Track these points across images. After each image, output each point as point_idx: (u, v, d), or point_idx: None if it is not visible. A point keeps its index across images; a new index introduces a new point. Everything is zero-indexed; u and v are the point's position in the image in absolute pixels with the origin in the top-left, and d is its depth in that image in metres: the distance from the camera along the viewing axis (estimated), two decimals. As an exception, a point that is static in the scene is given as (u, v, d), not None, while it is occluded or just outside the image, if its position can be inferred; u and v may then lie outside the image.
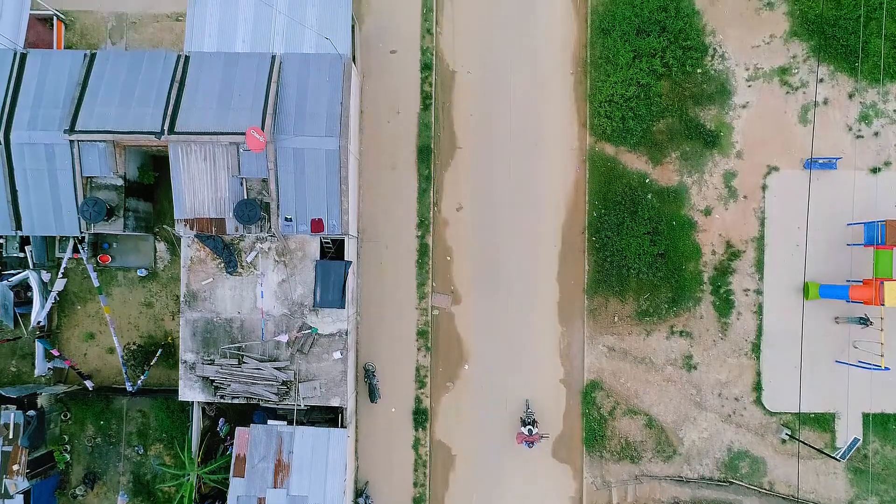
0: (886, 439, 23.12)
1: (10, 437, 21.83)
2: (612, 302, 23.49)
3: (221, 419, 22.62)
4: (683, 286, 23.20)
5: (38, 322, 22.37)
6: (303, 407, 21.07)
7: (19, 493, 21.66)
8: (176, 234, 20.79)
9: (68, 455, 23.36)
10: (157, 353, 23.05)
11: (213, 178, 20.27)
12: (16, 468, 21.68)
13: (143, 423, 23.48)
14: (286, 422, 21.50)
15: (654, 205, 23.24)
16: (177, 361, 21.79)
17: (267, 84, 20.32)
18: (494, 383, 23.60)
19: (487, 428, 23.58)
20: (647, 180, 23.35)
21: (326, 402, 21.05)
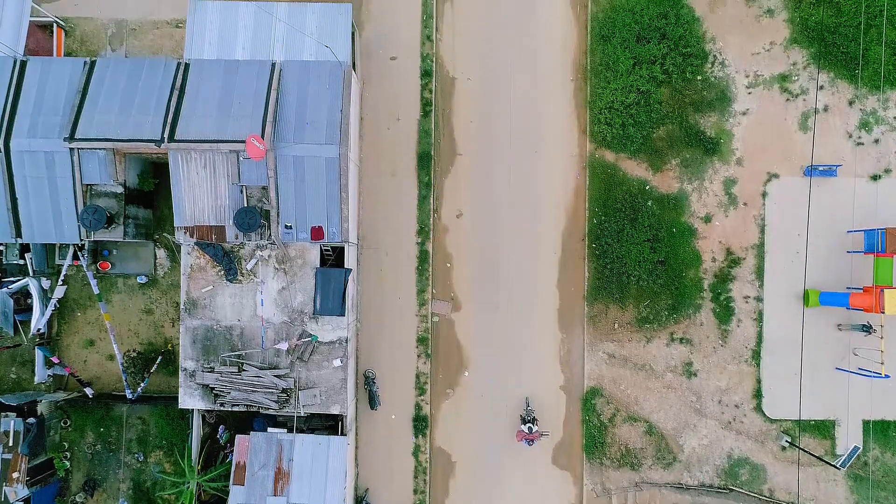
0: (887, 446, 23.12)
1: (10, 444, 21.82)
2: (613, 309, 23.49)
3: (221, 426, 22.62)
4: (683, 293, 23.19)
5: (38, 329, 22.37)
6: (303, 414, 21.06)
7: (19, 500, 21.67)
8: (176, 242, 20.77)
9: (68, 462, 23.35)
10: (157, 361, 23.04)
11: (213, 186, 20.26)
12: (16, 476, 21.68)
13: (143, 430, 23.47)
14: (286, 429, 21.50)
15: (654, 212, 23.23)
16: (177, 368, 21.79)
17: (267, 92, 20.32)
18: (494, 390, 23.58)
19: (487, 434, 23.57)
20: (648, 187, 23.35)
21: (326, 410, 21.05)
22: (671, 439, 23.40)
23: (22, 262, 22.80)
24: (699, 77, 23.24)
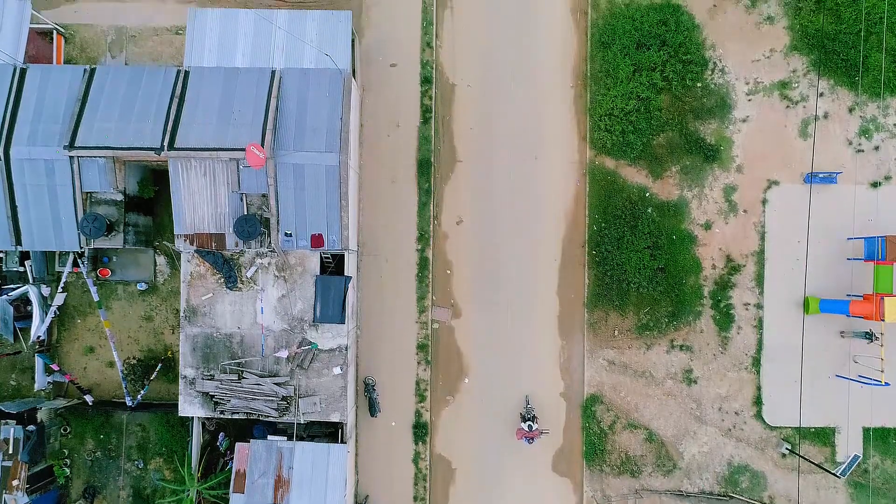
0: (887, 454, 23.11)
1: (10, 452, 21.82)
2: (613, 316, 23.48)
3: (221, 433, 22.60)
4: (683, 300, 23.18)
5: (38, 336, 22.33)
6: (303, 422, 21.05)
7: (19, 508, 21.70)
8: (176, 250, 20.75)
9: (68, 469, 23.33)
10: (157, 368, 23.02)
11: (213, 194, 20.25)
12: (15, 483, 21.65)
13: (143, 437, 23.44)
14: (286, 436, 21.49)
15: (654, 219, 23.22)
16: (177, 375, 21.77)
17: (267, 99, 20.31)
18: (494, 397, 23.57)
19: (488, 441, 23.56)
20: (648, 194, 23.34)
21: (326, 418, 21.03)
22: (671, 446, 23.40)
23: (22, 269, 22.76)
24: (699, 84, 23.24)
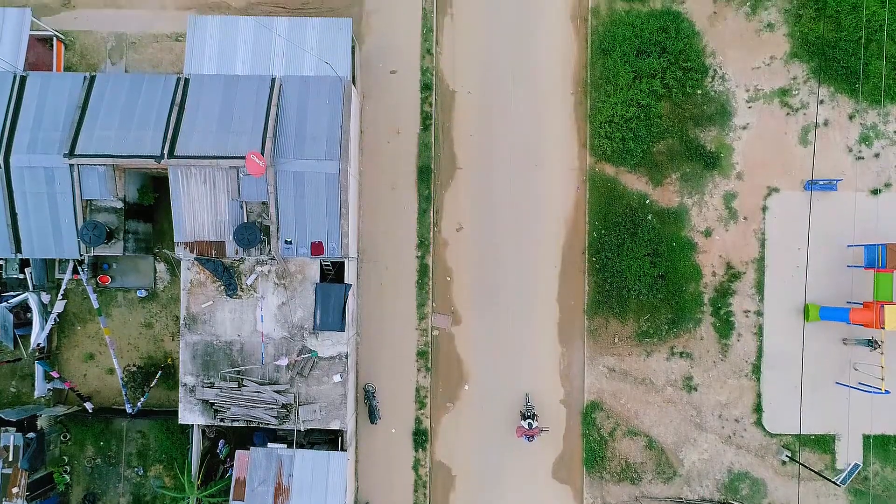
0: (887, 461, 23.09)
1: (10, 459, 21.81)
2: (613, 323, 23.46)
3: (221, 441, 22.58)
4: (684, 307, 23.17)
5: (38, 344, 22.33)
6: (302, 430, 21.04)
7: (19, 515, 21.70)
8: (175, 257, 20.75)
9: (68, 476, 23.32)
10: (157, 375, 23.01)
11: (213, 202, 20.26)
12: (15, 490, 21.65)
13: (143, 444, 23.44)
14: (286, 443, 21.48)
15: (654, 226, 23.21)
16: (177, 382, 21.76)
17: (267, 107, 20.31)
18: (494, 403, 23.55)
19: (487, 448, 23.54)
20: (648, 201, 23.33)
21: (326, 426, 21.02)
22: (671, 453, 23.39)
23: (22, 276, 22.77)
24: (699, 91, 23.23)
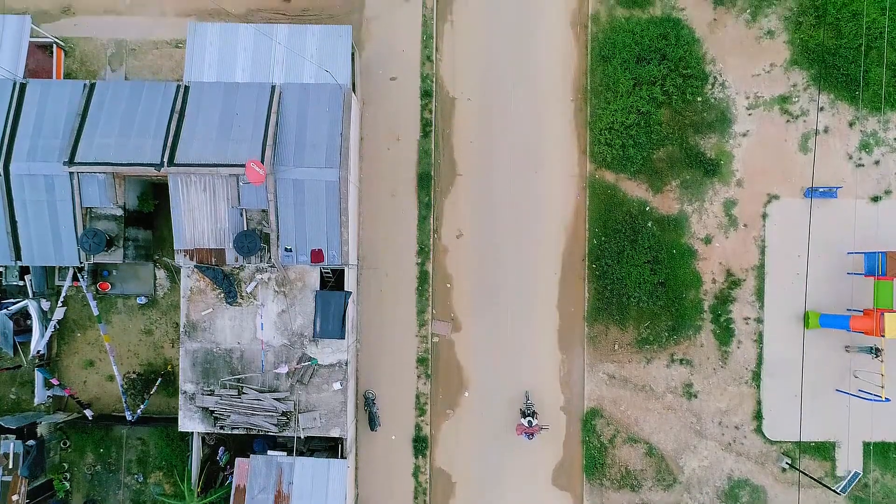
0: (887, 468, 23.10)
1: (10, 466, 21.79)
2: (613, 329, 23.46)
3: (221, 448, 22.58)
4: (684, 314, 23.17)
5: (38, 351, 22.31)
6: (303, 437, 21.04)
7: (19, 522, 21.68)
8: (175, 265, 20.74)
9: (68, 483, 23.31)
10: (157, 382, 23.00)
11: (213, 209, 20.24)
12: (15, 498, 21.64)
13: (143, 451, 23.44)
14: (286, 450, 21.48)
15: (654, 233, 23.20)
16: (176, 389, 21.74)
17: (267, 114, 20.29)
18: (494, 410, 23.55)
19: (487, 455, 23.54)
20: (648, 208, 23.32)
21: (326, 433, 21.01)
22: (671, 461, 23.38)
23: (21, 283, 22.74)
24: (699, 98, 23.22)
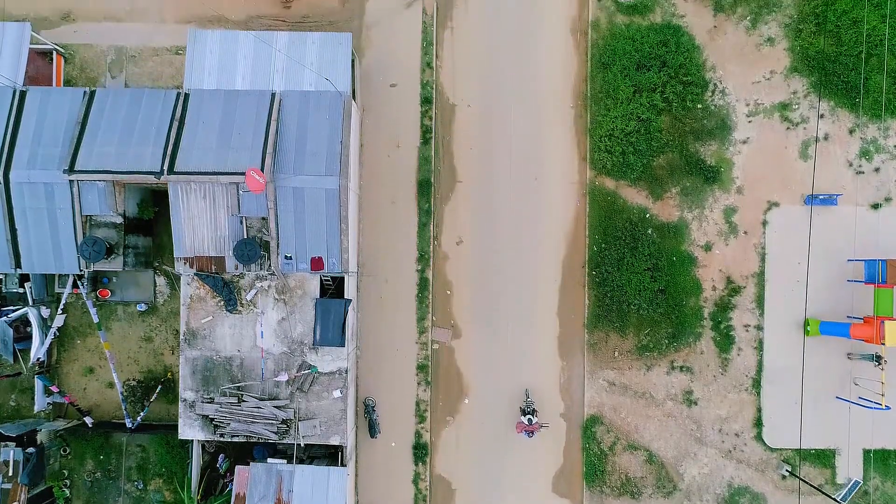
0: (887, 475, 23.08)
1: (10, 474, 21.78)
2: (613, 336, 23.45)
3: (221, 455, 22.57)
4: (684, 322, 23.16)
5: (38, 358, 22.31)
6: (302, 445, 21.03)
7: (19, 530, 21.66)
8: (175, 273, 20.73)
9: (68, 490, 23.30)
10: (157, 390, 22.99)
11: (213, 217, 20.24)
12: (15, 506, 21.67)
13: (143, 458, 23.41)
14: (286, 456, 21.48)
15: (654, 240, 23.19)
16: (176, 395, 21.73)
17: (267, 122, 20.30)
18: (494, 417, 23.54)
19: (487, 462, 23.54)
20: (648, 215, 23.32)
21: (326, 441, 21.00)
22: (671, 468, 23.38)
23: (21, 290, 22.73)
24: (699, 105, 23.22)
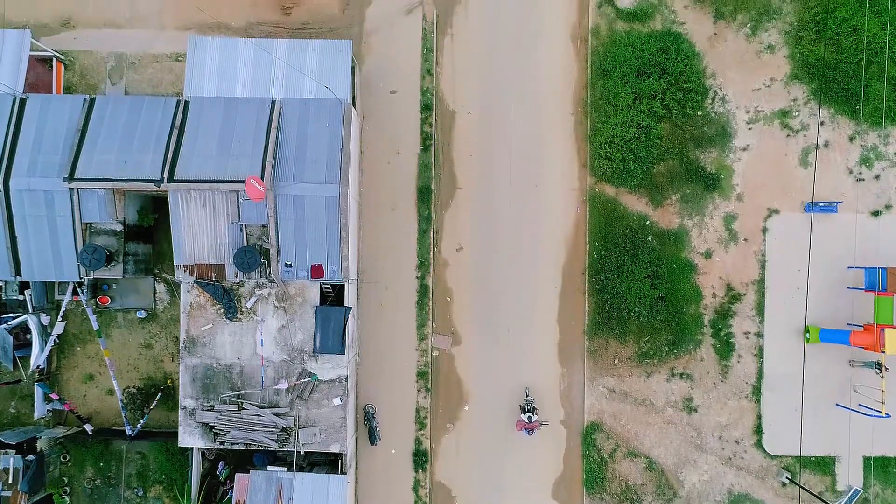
0: (887, 482, 23.08)
1: (10, 481, 21.76)
2: (613, 343, 23.45)
3: (221, 462, 22.54)
4: (684, 329, 23.16)
5: (38, 365, 22.29)
6: (302, 452, 21.02)
7: (18, 538, 21.65)
8: (175, 280, 20.72)
9: (67, 498, 23.26)
10: (157, 397, 22.98)
11: (213, 225, 20.23)
12: (15, 513, 21.66)
13: (143, 465, 23.39)
14: (286, 463, 21.46)
15: (654, 247, 23.19)
16: (176, 403, 21.72)
17: (267, 130, 20.28)
18: (495, 424, 23.53)
19: (487, 469, 23.53)
20: (648, 222, 23.31)
21: (326, 449, 20.99)
22: (671, 475, 23.37)
23: (21, 297, 22.72)
24: (699, 112, 23.21)
